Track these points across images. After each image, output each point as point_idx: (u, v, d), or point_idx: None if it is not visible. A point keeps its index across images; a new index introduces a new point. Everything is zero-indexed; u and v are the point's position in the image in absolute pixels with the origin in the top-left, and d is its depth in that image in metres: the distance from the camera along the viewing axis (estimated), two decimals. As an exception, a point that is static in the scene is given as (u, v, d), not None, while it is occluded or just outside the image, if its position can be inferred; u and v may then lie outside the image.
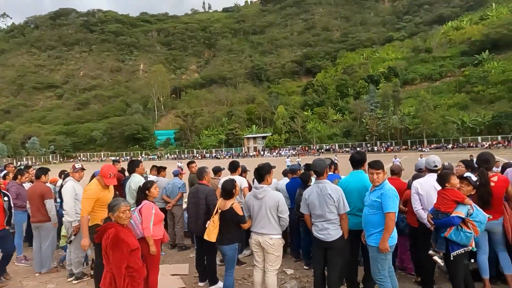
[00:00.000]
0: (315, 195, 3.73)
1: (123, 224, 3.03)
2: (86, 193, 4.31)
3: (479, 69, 71.26)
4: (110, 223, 2.99)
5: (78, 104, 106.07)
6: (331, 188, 3.69)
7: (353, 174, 4.04)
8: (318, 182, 3.80)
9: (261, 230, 3.80)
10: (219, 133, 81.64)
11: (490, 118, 55.33)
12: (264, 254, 3.85)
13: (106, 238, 2.89)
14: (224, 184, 4.10)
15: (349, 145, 64.64)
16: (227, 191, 4.03)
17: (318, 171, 3.78)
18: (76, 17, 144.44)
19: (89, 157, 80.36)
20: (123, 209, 3.02)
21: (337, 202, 3.61)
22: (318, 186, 3.78)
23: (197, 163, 6.76)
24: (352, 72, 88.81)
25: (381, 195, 3.43)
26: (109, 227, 2.94)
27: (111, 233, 2.88)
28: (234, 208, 3.95)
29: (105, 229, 2.95)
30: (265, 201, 3.78)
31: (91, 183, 4.48)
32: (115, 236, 2.87)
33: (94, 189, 4.33)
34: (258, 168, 3.96)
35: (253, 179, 6.22)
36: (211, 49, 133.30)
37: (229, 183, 4.11)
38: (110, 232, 2.90)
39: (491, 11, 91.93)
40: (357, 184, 3.92)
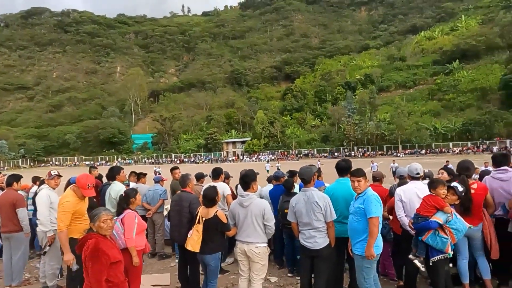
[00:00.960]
0: (302, 203, 3.72)
1: (105, 235, 2.90)
2: (63, 206, 4.04)
3: (450, 77, 74.37)
4: (90, 234, 2.85)
5: (50, 107, 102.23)
6: (318, 196, 3.69)
7: (339, 182, 4.07)
8: (305, 190, 3.79)
9: (246, 238, 3.73)
10: (198, 138, 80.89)
11: (460, 125, 57.75)
12: (250, 263, 3.78)
13: (85, 249, 2.76)
14: (206, 192, 4.01)
15: (327, 150, 65.62)
16: (210, 198, 3.94)
17: (306, 179, 3.77)
18: (49, 16, 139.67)
19: (62, 162, 77.59)
20: (104, 218, 2.89)
21: (324, 210, 3.62)
22: (305, 194, 3.77)
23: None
24: (330, 78, 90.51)
25: (364, 201, 3.47)
26: (89, 238, 2.81)
27: (91, 244, 2.75)
28: (219, 216, 3.87)
29: (85, 240, 2.81)
30: (250, 209, 3.72)
31: (67, 194, 4.21)
32: (94, 247, 2.73)
33: (71, 201, 4.07)
34: (243, 175, 3.91)
35: (236, 185, 6.17)
36: (190, 53, 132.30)
37: (211, 190, 4.03)
38: (89, 243, 2.76)
39: (461, 23, 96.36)
40: (343, 192, 3.94)
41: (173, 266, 5.84)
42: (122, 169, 5.25)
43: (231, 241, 6.10)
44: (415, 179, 4.07)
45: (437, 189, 3.62)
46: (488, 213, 3.99)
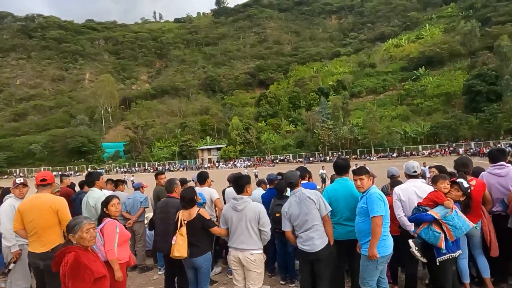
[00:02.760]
0: (295, 205, 3.56)
1: (86, 247, 2.52)
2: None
3: (417, 83, 77.48)
4: (68, 247, 2.46)
5: (14, 115, 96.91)
6: (310, 192, 3.60)
7: (338, 182, 3.89)
8: (294, 192, 3.67)
9: (240, 245, 3.47)
10: (172, 145, 79.40)
11: (428, 128, 60.09)
12: (245, 272, 3.51)
13: (64, 265, 2.37)
14: (184, 193, 3.75)
15: (303, 155, 66.23)
16: (189, 199, 3.69)
17: (293, 182, 3.68)
18: (12, 21, 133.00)
19: (27, 173, 73.40)
20: (87, 227, 2.52)
21: (317, 203, 3.49)
22: (295, 195, 3.63)
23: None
24: (303, 84, 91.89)
25: (366, 200, 3.34)
26: (67, 251, 2.42)
27: (70, 259, 2.37)
28: (202, 214, 3.65)
29: (63, 254, 2.42)
30: (245, 213, 3.47)
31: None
32: (74, 262, 2.36)
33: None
34: (236, 178, 3.66)
35: (223, 189, 5.88)
36: (162, 59, 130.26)
37: (189, 190, 3.80)
38: (68, 257, 2.38)
39: (425, 31, 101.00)
40: (343, 192, 3.77)
41: (156, 279, 5.43)
42: (101, 175, 4.82)
43: (217, 250, 5.78)
44: (412, 177, 3.96)
45: (438, 184, 3.56)
46: (486, 209, 3.93)
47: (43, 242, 3.65)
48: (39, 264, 3.65)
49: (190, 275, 3.77)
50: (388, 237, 3.38)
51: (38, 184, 3.87)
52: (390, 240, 3.40)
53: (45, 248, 3.65)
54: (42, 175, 3.90)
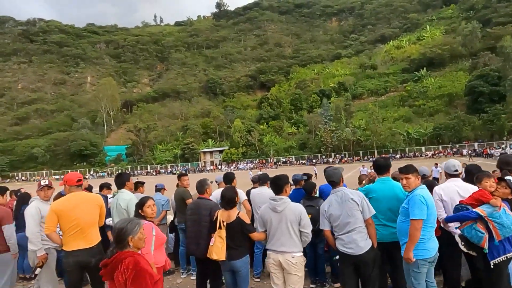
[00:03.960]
0: (336, 205, 3.42)
1: (139, 249, 2.43)
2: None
3: (419, 84, 77.46)
4: (124, 252, 2.30)
5: (16, 119, 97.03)
6: (352, 192, 3.44)
7: (380, 181, 3.77)
8: (335, 191, 3.51)
9: (281, 247, 3.35)
10: (174, 148, 79.39)
11: (431, 129, 59.97)
12: (285, 275, 3.40)
13: (122, 271, 2.21)
14: (225, 193, 3.67)
15: (305, 157, 66.12)
16: (230, 199, 3.61)
17: (334, 181, 3.52)
18: (13, 26, 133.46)
19: (29, 177, 73.48)
20: (142, 228, 2.42)
21: (361, 206, 3.34)
22: (336, 195, 3.47)
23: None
24: (304, 86, 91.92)
25: (408, 201, 3.23)
26: (124, 256, 2.28)
27: (130, 264, 2.22)
28: (242, 217, 3.56)
29: (119, 260, 2.26)
30: (285, 214, 3.36)
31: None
32: (137, 267, 2.21)
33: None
34: (275, 178, 3.56)
35: (247, 191, 5.78)
36: (163, 62, 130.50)
37: (229, 191, 3.71)
38: (128, 262, 2.23)
39: (426, 33, 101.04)
40: (386, 192, 3.66)
41: (179, 283, 5.34)
42: (131, 176, 4.73)
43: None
44: (453, 177, 3.85)
45: (482, 182, 3.43)
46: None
47: (88, 238, 3.71)
48: (90, 261, 3.66)
49: (228, 279, 3.68)
50: (430, 240, 3.25)
51: (73, 185, 3.84)
52: (432, 242, 3.27)
53: (91, 244, 3.72)
54: (76, 176, 3.89)
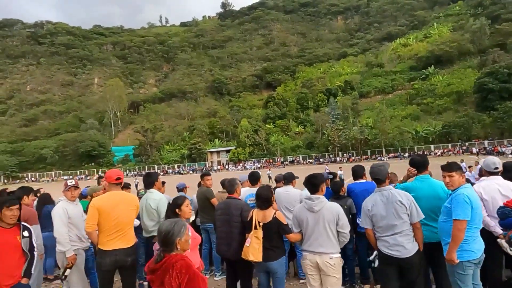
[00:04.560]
0: (381, 205, 3.28)
1: (185, 251, 2.37)
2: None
3: (426, 82, 76.73)
4: (173, 255, 2.21)
5: (24, 121, 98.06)
6: (400, 194, 3.26)
7: (420, 179, 3.65)
8: (381, 189, 3.36)
9: (318, 248, 3.28)
10: (181, 148, 79.59)
11: (440, 128, 59.31)
12: (322, 277, 3.32)
13: (175, 276, 2.12)
14: (261, 192, 3.60)
15: (313, 156, 65.87)
16: (265, 198, 3.53)
17: (380, 178, 3.36)
18: (22, 28, 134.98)
19: (39, 177, 74.25)
20: (188, 230, 2.35)
21: (409, 209, 3.18)
22: (382, 194, 3.32)
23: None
24: (311, 85, 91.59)
25: (451, 200, 3.12)
26: (174, 260, 2.18)
27: (183, 268, 2.14)
28: (279, 218, 3.47)
29: (169, 263, 2.16)
30: (322, 214, 3.29)
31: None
32: (189, 270, 2.14)
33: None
34: (310, 177, 3.49)
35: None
36: (169, 63, 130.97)
37: (265, 190, 3.63)
38: (180, 266, 2.14)
39: (433, 30, 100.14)
40: (426, 191, 3.53)
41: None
42: (159, 175, 4.70)
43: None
44: (493, 174, 3.73)
45: None
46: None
47: (126, 238, 3.70)
48: (126, 261, 3.65)
49: (263, 280, 3.62)
50: (475, 240, 3.12)
51: (112, 182, 3.81)
52: (478, 243, 3.14)
53: (129, 244, 3.71)
54: (116, 173, 3.86)
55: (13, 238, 3.21)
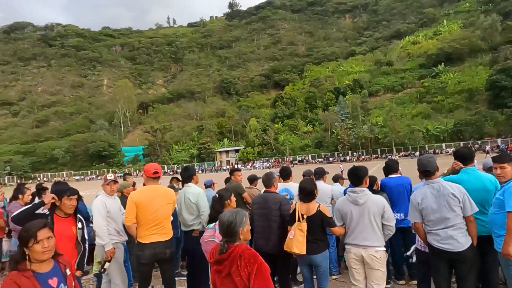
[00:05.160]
0: (432, 198, 3.19)
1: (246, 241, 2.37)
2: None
3: (437, 80, 75.84)
4: (239, 245, 2.20)
5: (36, 122, 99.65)
6: (452, 186, 3.16)
7: (466, 172, 3.58)
8: (430, 182, 3.27)
9: (363, 242, 3.25)
10: (190, 148, 80.00)
11: (452, 126, 58.60)
12: (366, 271, 3.30)
13: (244, 265, 2.10)
14: (304, 184, 3.59)
15: (322, 155, 65.65)
16: (310, 192, 3.52)
17: (430, 170, 3.27)
18: (32, 31, 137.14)
19: (51, 177, 75.30)
20: (248, 220, 2.36)
21: (462, 202, 3.09)
22: (432, 186, 3.23)
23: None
24: (319, 84, 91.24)
25: (504, 192, 3.04)
26: (242, 250, 2.16)
27: (251, 257, 2.12)
28: (323, 211, 3.46)
29: (236, 255, 2.14)
30: (367, 206, 3.26)
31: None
32: (257, 260, 2.12)
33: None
34: (354, 169, 3.48)
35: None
36: (178, 64, 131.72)
37: (309, 183, 3.63)
38: (248, 256, 2.13)
39: (443, 27, 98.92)
40: (473, 183, 3.45)
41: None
42: (196, 169, 4.75)
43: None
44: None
45: None
46: None
47: (164, 231, 3.75)
48: (165, 253, 3.70)
49: (306, 273, 3.63)
50: None
51: (150, 176, 3.85)
52: None
53: (167, 237, 3.75)
54: (153, 167, 3.89)
55: (69, 229, 3.16)
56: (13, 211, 5.52)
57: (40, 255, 2.09)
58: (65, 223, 3.15)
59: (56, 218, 3.09)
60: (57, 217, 3.12)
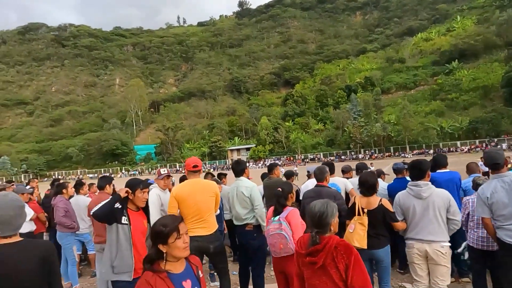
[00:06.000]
0: (502, 192, 3.09)
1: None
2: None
3: (450, 77, 74.65)
4: (333, 237, 2.19)
5: (50, 121, 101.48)
6: None
7: None
8: (499, 176, 3.17)
9: (428, 236, 3.21)
10: (201, 146, 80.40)
11: (467, 123, 57.63)
12: (430, 267, 3.26)
13: (341, 257, 2.08)
14: (366, 178, 3.53)
15: (334, 153, 65.28)
16: (371, 185, 3.46)
17: (500, 163, 3.18)
18: (46, 31, 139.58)
19: (65, 175, 76.55)
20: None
21: None
22: (502, 180, 3.10)
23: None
24: (330, 82, 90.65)
25: None
26: (337, 242, 2.15)
27: (348, 249, 2.11)
28: (385, 205, 3.39)
29: (331, 246, 2.12)
30: (432, 200, 3.22)
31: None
32: (353, 251, 2.10)
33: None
34: (417, 162, 3.44)
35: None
36: (188, 63, 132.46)
37: (370, 175, 3.57)
38: (344, 247, 2.11)
39: (457, 23, 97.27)
40: None
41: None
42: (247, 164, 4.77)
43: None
44: None
45: None
46: None
47: (208, 225, 3.71)
48: (209, 247, 3.67)
49: (366, 268, 3.63)
50: None
51: (190, 170, 3.85)
52: None
53: (210, 231, 3.71)
54: (194, 161, 3.89)
55: (141, 223, 3.09)
56: (60, 206, 5.68)
57: (182, 251, 1.92)
58: (138, 217, 3.09)
59: (129, 212, 3.04)
60: (130, 211, 3.06)
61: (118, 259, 2.91)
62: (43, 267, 1.81)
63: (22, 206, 1.89)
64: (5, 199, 1.83)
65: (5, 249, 1.76)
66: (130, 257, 2.93)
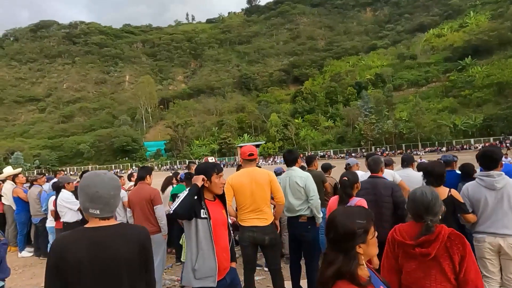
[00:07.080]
0: None
1: None
2: None
3: (463, 74, 73.37)
4: (444, 226, 2.05)
5: (62, 117, 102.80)
6: None
7: None
8: None
9: (502, 230, 3.03)
10: (211, 143, 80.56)
11: (481, 120, 56.65)
12: (502, 262, 3.09)
13: (456, 247, 1.96)
14: (434, 168, 3.37)
15: (344, 151, 64.82)
16: (439, 175, 3.30)
17: None
18: (57, 29, 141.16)
19: (77, 171, 77.44)
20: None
21: None
22: None
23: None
24: (339, 79, 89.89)
25: None
26: (448, 231, 2.01)
27: (462, 239, 1.99)
28: (455, 196, 3.23)
29: (444, 235, 1.98)
30: (506, 191, 3.06)
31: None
32: (466, 241, 1.98)
33: None
34: (489, 151, 3.30)
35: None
36: (197, 59, 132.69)
37: (440, 166, 3.41)
38: (459, 237, 2.00)
39: (470, 19, 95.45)
40: None
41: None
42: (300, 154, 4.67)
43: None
44: None
45: None
46: None
47: (264, 216, 3.61)
48: (264, 239, 3.56)
49: None
50: None
51: (245, 158, 3.79)
52: None
53: (266, 222, 3.60)
54: (249, 150, 3.80)
55: (221, 213, 2.72)
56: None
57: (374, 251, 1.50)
58: (216, 207, 2.72)
59: (207, 203, 2.64)
60: (208, 201, 2.67)
61: (199, 261, 2.55)
62: (141, 254, 1.67)
63: (119, 186, 1.77)
64: (105, 178, 1.66)
65: (106, 232, 1.61)
66: (213, 258, 2.56)
